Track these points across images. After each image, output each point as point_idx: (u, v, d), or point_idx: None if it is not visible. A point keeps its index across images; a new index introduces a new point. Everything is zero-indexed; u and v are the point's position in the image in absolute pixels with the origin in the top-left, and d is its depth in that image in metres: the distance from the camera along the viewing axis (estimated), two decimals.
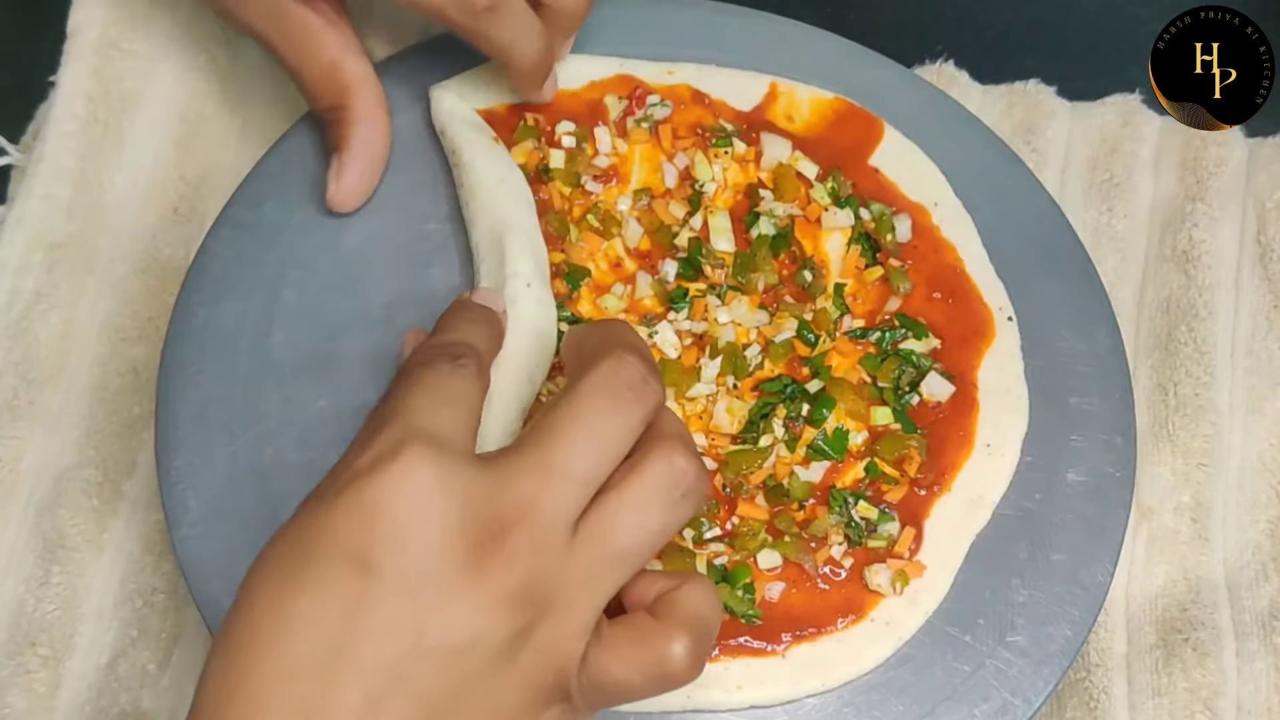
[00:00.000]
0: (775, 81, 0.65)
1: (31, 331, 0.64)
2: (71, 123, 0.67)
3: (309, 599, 0.40)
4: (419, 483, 0.41)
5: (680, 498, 0.44)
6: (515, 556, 0.41)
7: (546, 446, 0.43)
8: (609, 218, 0.61)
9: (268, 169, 0.61)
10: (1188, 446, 0.64)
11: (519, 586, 0.41)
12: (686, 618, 0.44)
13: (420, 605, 0.40)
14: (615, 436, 0.43)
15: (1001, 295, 0.61)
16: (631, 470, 0.43)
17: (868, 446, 0.57)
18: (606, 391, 0.44)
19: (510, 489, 0.42)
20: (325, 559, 0.40)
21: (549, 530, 0.42)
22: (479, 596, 0.40)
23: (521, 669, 0.41)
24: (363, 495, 0.41)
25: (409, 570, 0.40)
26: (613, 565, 0.43)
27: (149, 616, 0.59)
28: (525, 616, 0.41)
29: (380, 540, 0.40)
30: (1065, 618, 0.55)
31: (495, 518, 0.41)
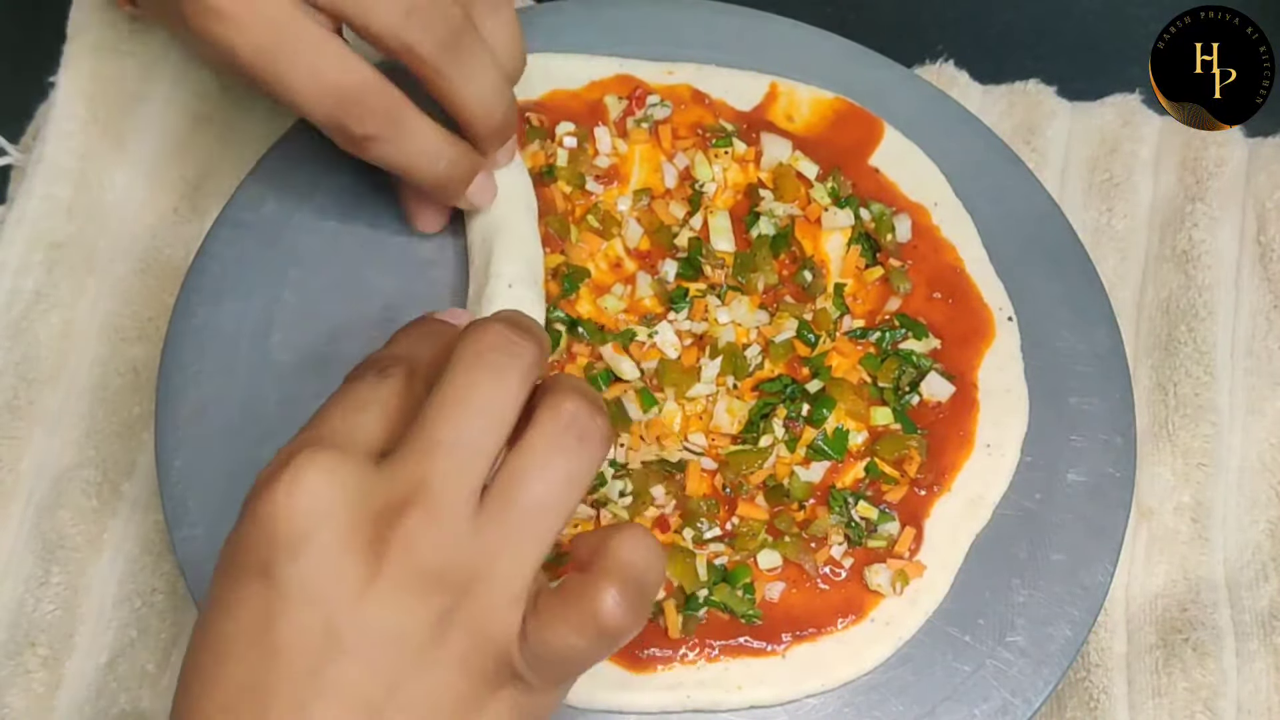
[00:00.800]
0: (775, 81, 0.65)
1: (31, 331, 0.64)
2: (71, 123, 0.67)
3: (230, 622, 0.40)
4: (307, 487, 0.40)
5: (577, 440, 0.42)
6: (412, 539, 0.40)
7: (430, 427, 0.42)
8: (609, 218, 0.61)
9: (268, 169, 0.61)
10: (1188, 446, 0.64)
11: (424, 568, 0.40)
12: (615, 566, 0.42)
13: (328, 608, 0.40)
14: (494, 401, 0.42)
15: (1001, 295, 0.61)
16: (527, 424, 0.42)
17: (868, 446, 0.57)
18: (474, 358, 0.43)
19: (399, 476, 0.41)
20: (236, 576, 0.41)
21: (446, 505, 0.41)
22: (384, 587, 0.40)
23: (453, 653, 0.41)
24: (258, 507, 0.40)
25: (310, 575, 0.40)
26: (528, 527, 0.42)
27: (149, 616, 0.59)
28: (441, 598, 0.40)
29: (278, 549, 0.40)
30: (1065, 618, 0.55)
31: (387, 506, 0.40)
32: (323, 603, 0.40)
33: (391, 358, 0.46)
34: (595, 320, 0.59)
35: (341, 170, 0.61)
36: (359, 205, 0.60)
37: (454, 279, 0.59)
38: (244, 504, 0.42)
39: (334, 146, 0.60)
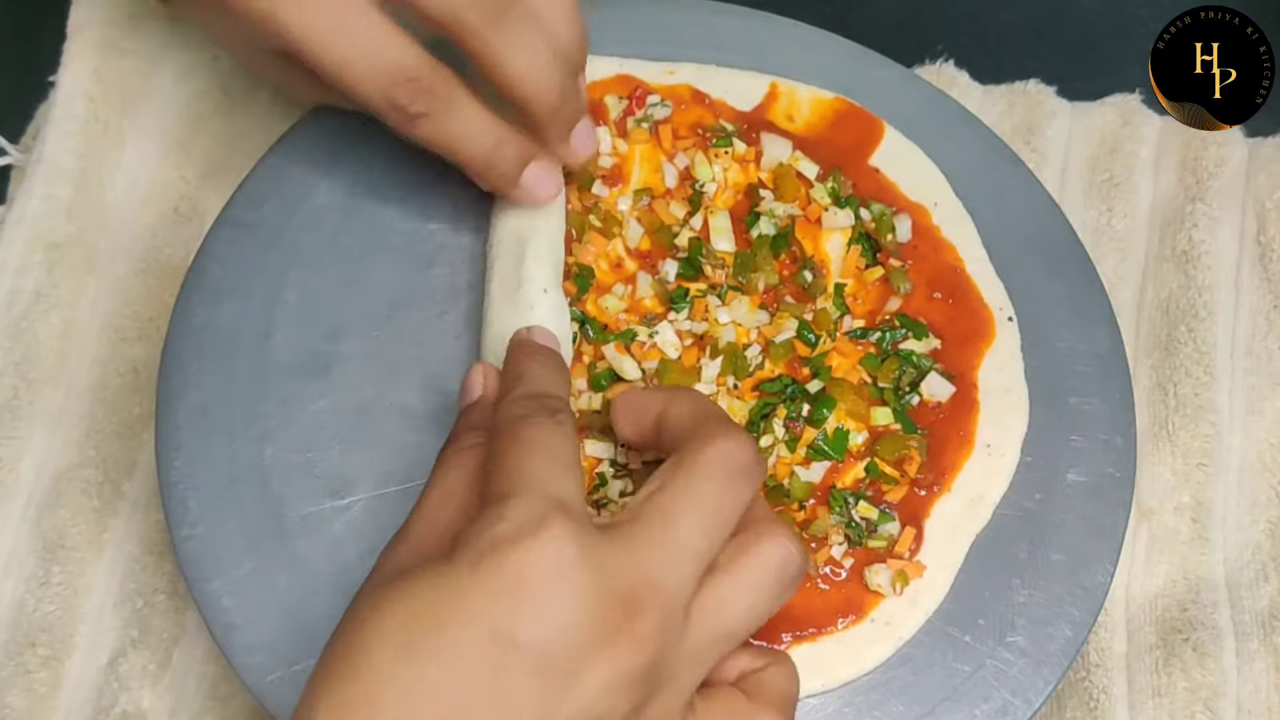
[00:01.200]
0: (775, 81, 0.65)
1: (31, 331, 0.64)
2: (71, 123, 0.67)
3: (438, 667, 0.39)
4: (562, 555, 0.40)
5: (790, 583, 0.45)
6: (646, 637, 0.41)
7: (670, 522, 0.43)
8: (610, 217, 0.61)
9: (268, 169, 0.61)
10: (1188, 446, 0.64)
11: (645, 666, 0.41)
12: (777, 698, 0.45)
13: (552, 681, 0.40)
14: (730, 516, 0.44)
15: (1001, 295, 0.61)
16: (743, 552, 0.44)
17: (868, 446, 0.57)
18: (724, 470, 0.44)
19: (640, 565, 0.42)
20: (460, 626, 0.40)
21: (674, 611, 0.42)
22: (608, 675, 0.40)
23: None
24: (505, 566, 0.40)
25: (546, 644, 0.40)
26: (720, 644, 0.44)
27: (149, 616, 0.59)
28: (644, 693, 0.41)
29: (522, 613, 0.40)
30: (1065, 618, 0.55)
31: (629, 595, 0.41)
32: (550, 675, 0.40)
33: (554, 398, 0.47)
34: (597, 320, 0.59)
35: (341, 171, 0.61)
36: (359, 205, 0.60)
37: (456, 278, 0.59)
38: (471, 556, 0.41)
39: (334, 147, 0.61)
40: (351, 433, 0.55)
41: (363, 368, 0.57)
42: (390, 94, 0.52)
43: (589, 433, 0.56)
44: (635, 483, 0.55)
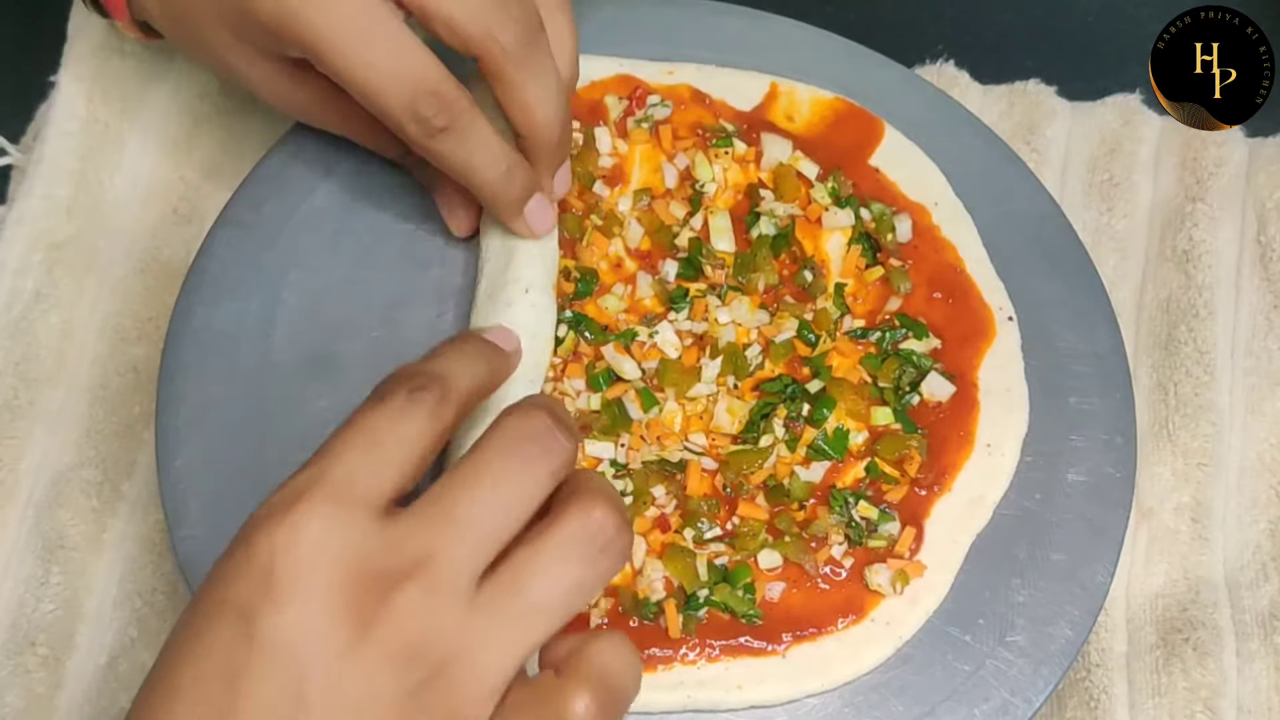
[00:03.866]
0: (775, 81, 0.65)
1: (31, 331, 0.64)
2: (71, 123, 0.67)
3: (197, 660, 0.39)
4: (308, 536, 0.39)
5: (598, 552, 0.41)
6: (404, 612, 0.39)
7: (449, 500, 0.41)
8: (611, 217, 0.61)
9: (268, 169, 0.61)
10: (1188, 446, 0.64)
11: (408, 643, 0.39)
12: (591, 674, 0.41)
13: (303, 667, 0.38)
14: (520, 491, 0.41)
15: (1001, 295, 0.61)
16: (546, 525, 0.41)
17: (868, 446, 0.57)
18: (511, 444, 0.42)
19: (406, 543, 0.40)
20: (212, 616, 0.39)
21: (445, 585, 0.40)
22: (364, 655, 0.38)
23: None
24: (253, 545, 0.39)
25: (291, 629, 0.38)
26: (521, 622, 0.40)
27: (149, 616, 0.59)
28: (416, 675, 0.39)
29: (264, 596, 0.38)
30: (1065, 618, 0.55)
31: (386, 572, 0.39)
32: (297, 662, 0.38)
33: (427, 376, 0.44)
34: (597, 320, 0.59)
35: (341, 171, 0.61)
36: (359, 206, 0.60)
37: (455, 279, 0.59)
38: (239, 534, 0.40)
39: (334, 148, 0.61)
40: None
41: (363, 368, 0.57)
42: (415, 105, 0.52)
43: (589, 432, 0.56)
44: (635, 482, 0.55)
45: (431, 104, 0.52)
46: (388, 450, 0.42)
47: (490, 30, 0.51)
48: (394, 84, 0.51)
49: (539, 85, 0.54)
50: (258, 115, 0.69)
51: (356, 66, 0.51)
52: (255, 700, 0.38)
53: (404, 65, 0.51)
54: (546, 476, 0.42)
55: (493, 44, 0.52)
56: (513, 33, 0.52)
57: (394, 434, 0.42)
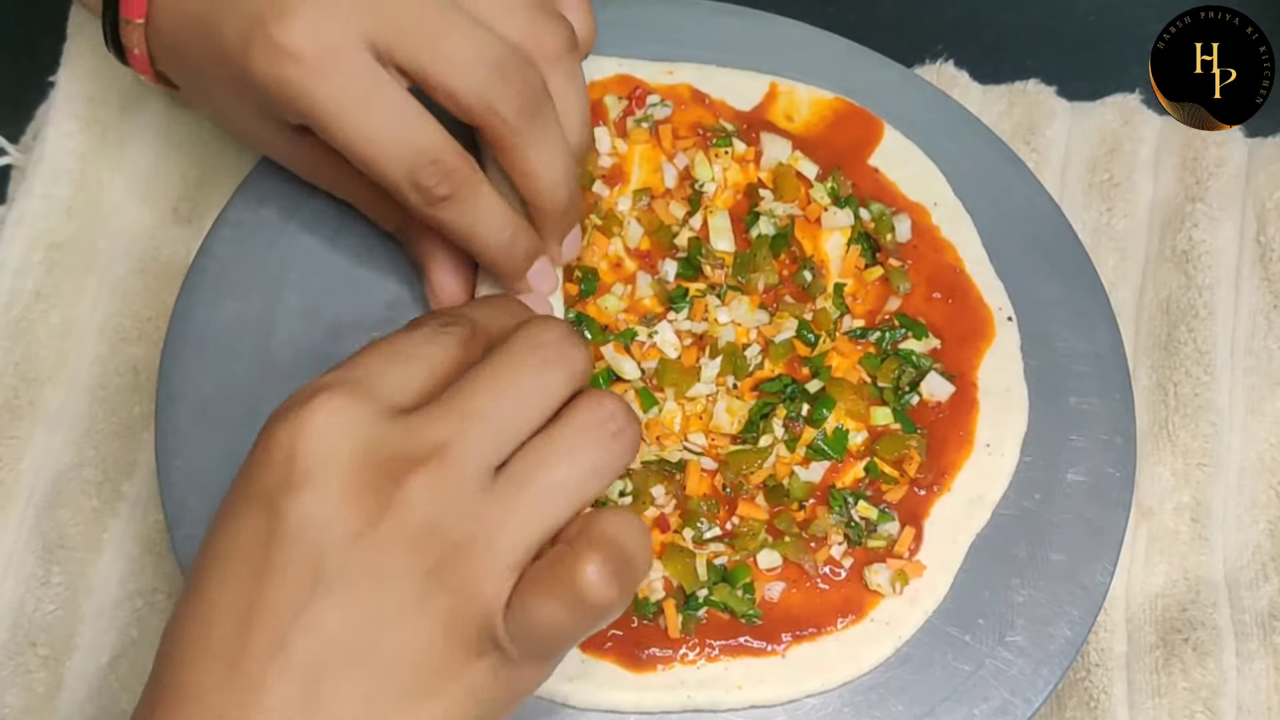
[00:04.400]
0: (775, 81, 0.65)
1: (31, 331, 0.64)
2: (71, 123, 0.67)
3: (227, 543, 0.41)
4: (320, 425, 0.41)
5: (610, 437, 0.43)
6: (417, 495, 0.41)
7: (465, 395, 0.43)
8: (610, 216, 0.61)
9: (268, 169, 0.61)
10: (1188, 446, 0.64)
11: (424, 525, 0.41)
12: (600, 539, 0.42)
13: (319, 546, 0.40)
14: (536, 391, 0.43)
15: (1001, 295, 0.61)
16: (558, 417, 0.43)
17: (868, 446, 0.57)
18: (529, 348, 0.44)
19: (422, 432, 0.41)
20: (241, 502, 0.42)
21: (460, 469, 0.41)
22: (379, 536, 0.40)
23: (438, 611, 0.41)
24: (274, 436, 0.41)
25: (309, 513, 0.40)
26: (537, 504, 0.42)
27: (149, 616, 0.59)
28: (434, 555, 0.41)
29: (283, 482, 0.41)
30: (1065, 618, 0.55)
31: (402, 456, 0.41)
32: (316, 543, 0.40)
33: (459, 315, 0.46)
34: (597, 320, 0.59)
35: None
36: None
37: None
38: (261, 430, 0.42)
39: None
40: None
41: None
42: (415, 174, 0.51)
43: None
44: (635, 482, 0.55)
45: (432, 173, 0.51)
46: (410, 364, 0.44)
47: (491, 103, 0.51)
48: (394, 153, 0.51)
49: (543, 153, 0.53)
50: None
51: (355, 136, 0.51)
52: (278, 578, 0.40)
53: (404, 134, 0.51)
54: (562, 380, 0.44)
55: (493, 116, 0.52)
56: (514, 104, 0.51)
57: (418, 352, 0.44)
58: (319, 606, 0.40)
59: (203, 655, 0.41)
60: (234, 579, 0.41)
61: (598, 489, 0.43)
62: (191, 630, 0.41)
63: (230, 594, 0.41)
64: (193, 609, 0.42)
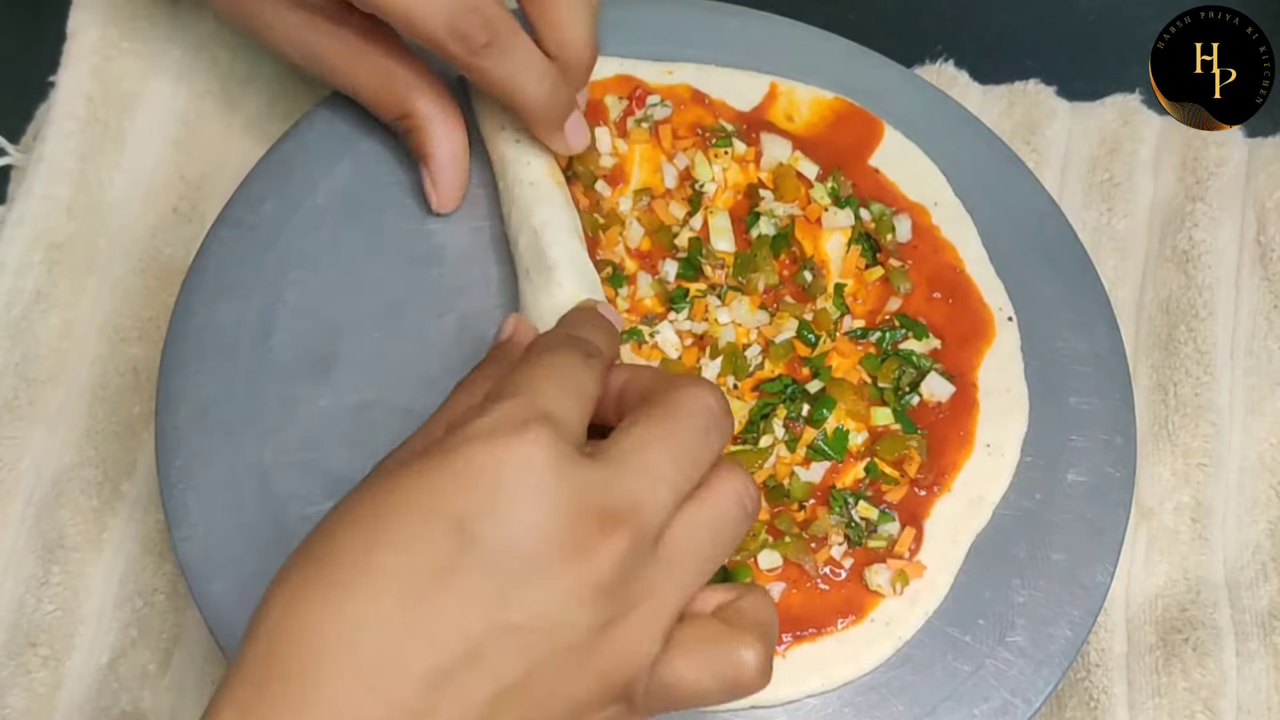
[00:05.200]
0: (775, 81, 0.65)
1: (31, 331, 0.64)
2: (71, 123, 0.67)
3: (396, 555, 0.39)
4: (537, 460, 0.40)
5: (748, 514, 0.45)
6: (614, 551, 0.41)
7: (651, 452, 0.43)
8: (612, 216, 0.61)
9: (268, 169, 0.61)
10: (1188, 446, 0.64)
11: (612, 581, 0.41)
12: (757, 625, 0.45)
13: (511, 582, 0.40)
14: (701, 455, 0.44)
15: (1001, 295, 0.61)
16: (708, 487, 0.45)
17: (868, 447, 0.57)
18: (699, 409, 0.45)
19: (617, 486, 0.42)
20: (421, 516, 0.40)
21: (647, 533, 0.42)
22: (572, 583, 0.40)
23: (597, 663, 0.41)
24: (476, 459, 0.40)
25: (508, 544, 0.40)
26: (692, 572, 0.44)
27: (149, 616, 0.59)
28: (610, 611, 0.41)
29: (486, 508, 0.40)
30: (1065, 618, 0.55)
31: (604, 510, 0.41)
32: (509, 573, 0.40)
33: (594, 345, 0.47)
34: None
35: (341, 170, 0.61)
36: (359, 205, 0.60)
37: (454, 278, 0.59)
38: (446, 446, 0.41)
39: (334, 147, 0.61)
40: (351, 433, 0.55)
41: (363, 368, 0.57)
42: (456, 23, 0.52)
43: None
44: None
45: (474, 21, 0.53)
46: (581, 398, 0.45)
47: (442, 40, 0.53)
48: (434, 6, 0.52)
49: (574, 8, 0.55)
50: (257, 115, 0.69)
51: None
52: (457, 594, 0.39)
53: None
54: (720, 448, 0.45)
55: (448, 51, 0.53)
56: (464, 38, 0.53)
57: (581, 383, 0.45)
58: (492, 642, 0.39)
59: (348, 664, 0.38)
60: (399, 594, 0.39)
61: (726, 559, 0.46)
62: (333, 633, 0.39)
63: (392, 606, 0.39)
64: (336, 604, 0.39)
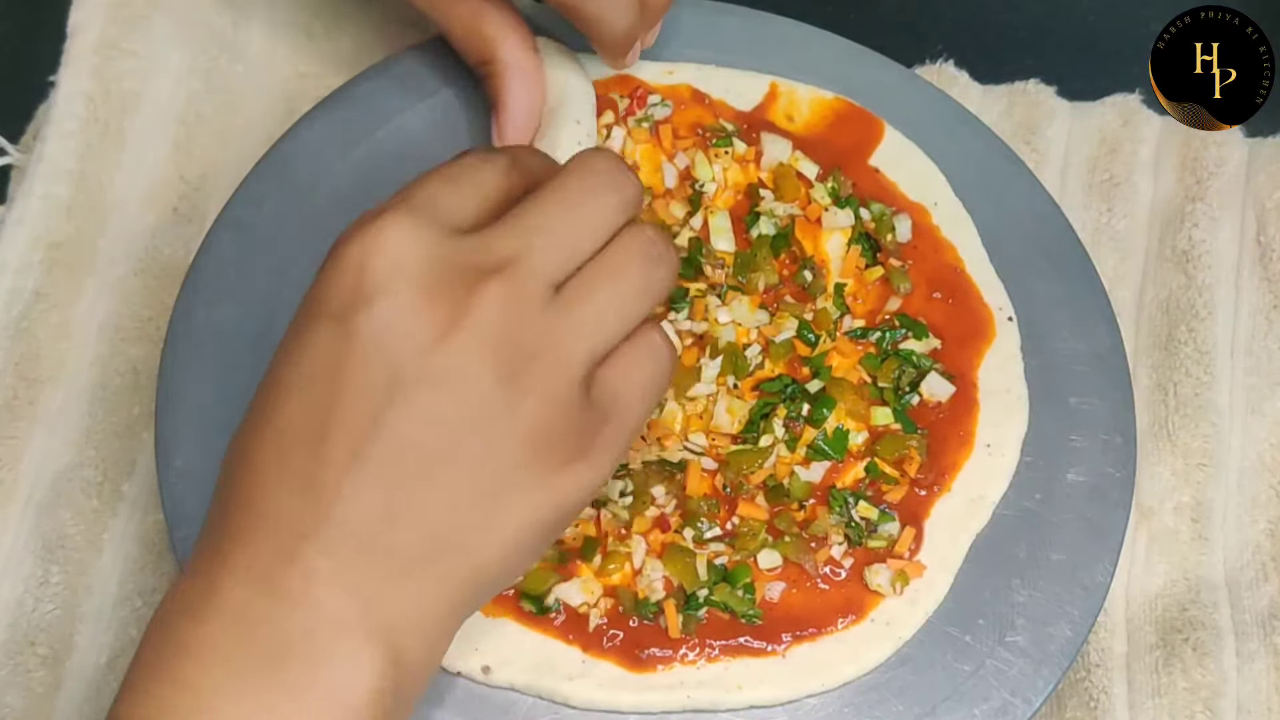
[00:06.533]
0: (775, 81, 0.65)
1: (31, 331, 0.64)
2: (71, 123, 0.67)
3: (298, 362, 0.42)
4: (391, 241, 0.41)
5: (654, 260, 0.46)
6: (491, 304, 0.42)
7: (532, 214, 0.44)
8: None
9: (268, 169, 0.61)
10: (1188, 446, 0.64)
11: (497, 333, 0.42)
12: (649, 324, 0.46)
13: (394, 355, 0.41)
14: (595, 213, 0.45)
15: (1001, 295, 0.61)
16: (610, 243, 0.45)
17: (868, 446, 0.57)
18: (590, 174, 0.45)
19: (491, 246, 0.43)
20: (310, 321, 0.42)
21: (528, 282, 0.42)
22: (456, 342, 0.41)
23: (519, 413, 0.42)
24: (340, 256, 0.42)
25: (383, 323, 0.41)
26: (594, 322, 0.44)
27: (149, 616, 0.58)
28: (508, 363, 0.42)
29: (354, 297, 0.41)
30: (1065, 618, 0.55)
31: (473, 268, 0.42)
32: (392, 351, 0.41)
33: (500, 149, 0.48)
34: None
35: (341, 170, 0.61)
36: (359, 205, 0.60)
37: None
38: (328, 254, 0.43)
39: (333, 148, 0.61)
40: None
41: None
42: None
43: None
44: (635, 482, 0.55)
45: None
46: (465, 187, 0.45)
47: None
48: None
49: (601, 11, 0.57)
50: (258, 116, 0.69)
51: None
52: (354, 387, 0.41)
53: None
54: (616, 204, 0.46)
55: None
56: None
57: (470, 177, 0.45)
58: (396, 413, 0.41)
59: (277, 477, 0.41)
60: (305, 398, 0.41)
61: (644, 311, 0.46)
62: (262, 454, 0.42)
63: (303, 413, 0.41)
64: (260, 433, 0.42)
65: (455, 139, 0.62)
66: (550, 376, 0.42)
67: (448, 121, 0.62)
